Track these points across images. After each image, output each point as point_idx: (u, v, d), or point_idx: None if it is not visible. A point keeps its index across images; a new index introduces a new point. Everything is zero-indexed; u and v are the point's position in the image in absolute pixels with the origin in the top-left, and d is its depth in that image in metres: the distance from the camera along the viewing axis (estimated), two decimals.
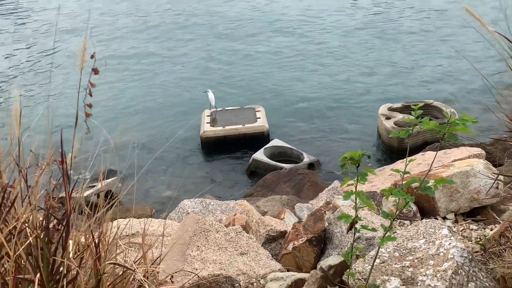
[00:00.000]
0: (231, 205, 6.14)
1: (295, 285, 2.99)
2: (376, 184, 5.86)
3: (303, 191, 8.81)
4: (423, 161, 5.90)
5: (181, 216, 5.88)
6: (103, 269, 1.64)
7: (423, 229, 2.98)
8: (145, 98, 15.64)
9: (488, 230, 3.82)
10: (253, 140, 12.29)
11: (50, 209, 1.56)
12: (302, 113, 14.04)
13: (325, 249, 3.86)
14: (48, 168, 1.62)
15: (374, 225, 3.64)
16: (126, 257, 1.93)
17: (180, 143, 12.75)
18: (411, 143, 10.50)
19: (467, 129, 2.22)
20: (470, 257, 2.67)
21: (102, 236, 1.72)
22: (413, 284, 2.53)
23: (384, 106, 12.27)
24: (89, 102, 1.61)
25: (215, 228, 3.96)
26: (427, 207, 4.35)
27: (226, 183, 11.11)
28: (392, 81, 15.54)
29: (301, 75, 16.53)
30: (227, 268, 3.55)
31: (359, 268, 2.75)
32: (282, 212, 5.40)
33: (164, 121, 14.07)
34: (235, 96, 15.22)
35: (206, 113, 13.22)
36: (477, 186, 4.15)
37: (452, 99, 13.34)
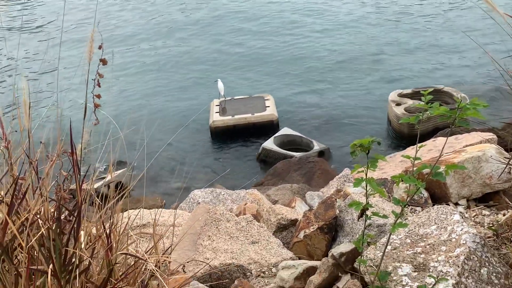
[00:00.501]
0: (242, 195, 6.15)
1: (307, 273, 2.99)
2: (387, 171, 5.83)
3: (313, 179, 8.81)
4: (434, 147, 5.86)
5: (192, 206, 5.90)
6: (114, 259, 1.65)
7: (434, 215, 2.97)
8: (154, 88, 15.66)
9: (500, 216, 3.80)
10: (262, 129, 12.29)
11: (61, 200, 1.57)
12: (311, 101, 13.99)
13: (337, 237, 3.85)
14: (58, 159, 1.63)
15: (385, 212, 3.63)
16: (137, 247, 1.94)
17: (189, 133, 12.77)
18: (421, 129, 10.43)
19: (478, 113, 2.19)
20: (483, 242, 2.66)
21: (113, 227, 1.72)
22: (425, 271, 2.52)
23: (394, 92, 12.20)
24: (97, 93, 1.62)
25: (226, 218, 3.97)
26: (438, 193, 4.32)
27: (236, 173, 11.13)
28: (402, 67, 15.41)
29: (310, 63, 16.44)
30: (239, 257, 3.57)
31: (370, 255, 2.74)
32: (293, 200, 5.40)
33: (173, 111, 14.09)
34: (244, 85, 15.19)
35: (215, 103, 13.22)
36: (489, 171, 4.12)
37: (463, 84, 13.21)
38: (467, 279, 2.47)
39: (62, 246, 1.56)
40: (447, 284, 2.39)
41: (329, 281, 2.78)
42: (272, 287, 3.06)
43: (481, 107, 2.15)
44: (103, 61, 1.59)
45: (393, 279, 2.51)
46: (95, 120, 1.65)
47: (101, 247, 1.67)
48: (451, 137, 6.03)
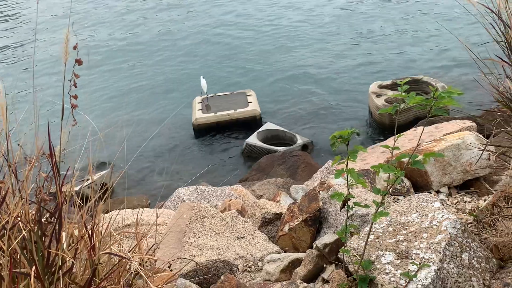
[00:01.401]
0: (226, 191, 6.16)
1: (292, 265, 3.02)
2: (370, 162, 5.89)
3: (297, 173, 8.86)
4: (415, 137, 5.93)
5: (176, 205, 5.90)
6: (98, 259, 1.65)
7: (415, 203, 3.01)
8: (133, 87, 15.56)
9: (481, 202, 3.86)
10: (245, 125, 12.30)
11: (42, 202, 1.57)
12: (293, 96, 14.03)
13: (321, 228, 3.89)
14: (37, 161, 1.62)
15: (368, 202, 3.67)
16: (120, 247, 1.94)
17: (172, 131, 12.73)
18: (403, 119, 10.54)
19: (454, 101, 2.23)
20: (463, 228, 2.71)
21: (95, 227, 1.72)
22: (408, 258, 2.56)
23: (374, 84, 12.29)
24: (74, 94, 1.61)
25: (211, 214, 3.98)
26: (420, 182, 4.38)
27: (220, 169, 11.14)
28: (382, 59, 15.52)
29: (290, 58, 16.48)
30: (225, 253, 3.58)
31: (354, 244, 2.78)
32: (278, 194, 5.43)
33: (154, 110, 14.02)
34: (225, 81, 15.17)
35: (197, 100, 13.18)
36: (469, 158, 4.18)
37: (441, 74, 13.36)
38: (449, 265, 2.52)
39: (44, 248, 1.56)
40: (429, 270, 2.43)
41: (314, 272, 2.81)
42: (258, 281, 3.08)
43: (456, 95, 2.19)
44: (79, 62, 1.59)
45: (376, 267, 2.55)
46: (73, 121, 1.65)
47: (83, 247, 1.67)
48: (431, 126, 6.11)
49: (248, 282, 3.19)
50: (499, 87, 2.51)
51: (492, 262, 2.64)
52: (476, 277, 2.54)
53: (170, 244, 3.68)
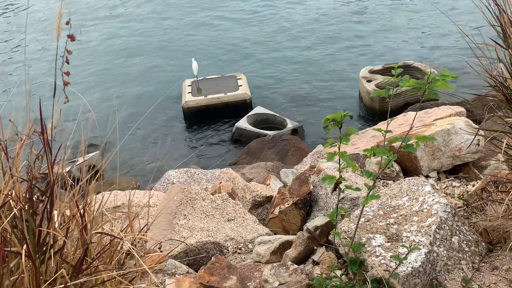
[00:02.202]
0: (217, 174, 6.15)
1: (283, 247, 3.03)
2: (359, 147, 5.91)
3: (287, 157, 8.86)
4: (405, 122, 5.95)
5: (167, 187, 5.88)
6: (89, 238, 1.64)
7: (406, 187, 3.03)
8: (122, 69, 15.42)
9: (470, 187, 3.89)
10: (235, 109, 12.26)
11: (33, 180, 1.54)
12: (284, 80, 13.99)
13: (311, 212, 3.90)
14: (29, 139, 1.60)
15: (358, 186, 3.68)
16: (112, 227, 1.93)
17: (161, 114, 12.66)
18: (392, 105, 10.57)
19: (447, 84, 2.23)
20: (453, 212, 2.73)
21: (87, 207, 1.71)
22: (398, 241, 2.58)
23: (364, 69, 12.29)
24: (66, 70, 1.58)
25: (201, 196, 3.97)
26: (409, 167, 4.40)
27: (210, 153, 11.12)
28: (373, 44, 15.50)
29: (281, 41, 16.40)
30: (215, 234, 3.58)
31: (344, 227, 2.79)
32: (268, 178, 5.43)
33: (143, 91, 13.92)
34: (216, 64, 15.08)
35: (187, 83, 13.10)
36: (459, 144, 4.21)
37: (432, 59, 13.38)
38: (438, 248, 2.54)
39: (35, 226, 1.54)
40: (419, 253, 2.45)
41: (304, 254, 2.82)
42: (249, 263, 3.09)
43: (450, 78, 2.19)
44: (71, 37, 1.56)
45: (367, 250, 2.56)
46: (65, 98, 1.62)
47: (75, 227, 1.65)
48: (421, 112, 6.13)
49: (239, 263, 3.20)
50: (492, 72, 2.52)
51: (482, 245, 2.66)
52: (465, 260, 2.56)
53: (161, 226, 3.67)
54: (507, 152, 2.58)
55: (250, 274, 2.86)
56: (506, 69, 2.48)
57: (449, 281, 2.45)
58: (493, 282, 2.42)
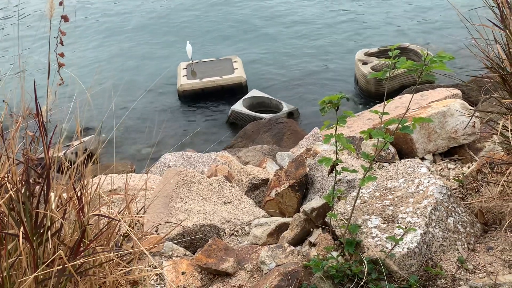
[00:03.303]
0: (213, 157, 6.15)
1: (279, 229, 3.04)
2: (355, 129, 5.91)
3: (283, 140, 8.87)
4: (401, 104, 5.96)
5: (162, 170, 5.88)
6: (87, 220, 1.64)
7: (402, 168, 3.03)
8: (117, 51, 15.31)
9: (465, 169, 3.91)
10: (231, 92, 12.23)
11: (29, 162, 1.54)
12: (279, 63, 13.94)
13: (307, 194, 3.91)
14: (24, 121, 1.58)
15: (354, 168, 3.69)
16: (109, 209, 1.92)
17: (157, 97, 12.61)
18: (388, 88, 10.57)
19: (444, 66, 2.22)
20: (449, 193, 2.74)
21: (84, 189, 1.70)
22: (394, 222, 2.59)
23: (360, 52, 12.25)
24: (61, 52, 1.56)
25: (198, 179, 3.97)
26: (405, 149, 4.41)
27: (206, 136, 11.11)
28: (368, 27, 15.43)
29: (276, 23, 16.30)
30: (212, 217, 3.59)
31: (340, 209, 2.80)
32: (264, 161, 5.44)
33: (138, 74, 13.84)
34: (211, 47, 14.99)
35: (182, 66, 13.03)
36: (454, 126, 4.22)
37: (429, 42, 13.35)
38: (434, 229, 2.55)
39: (32, 208, 1.54)
40: (415, 234, 2.46)
41: (301, 236, 2.84)
42: (245, 245, 3.10)
43: (447, 59, 2.18)
44: (65, 18, 1.53)
45: (363, 231, 2.58)
46: (59, 79, 1.60)
47: (72, 209, 1.65)
48: (417, 94, 6.13)
49: (235, 245, 3.22)
50: (489, 53, 2.51)
51: (477, 226, 2.68)
52: (460, 241, 2.58)
53: (157, 209, 3.68)
54: (503, 133, 2.58)
55: (247, 256, 2.88)
56: (503, 50, 2.47)
57: (444, 262, 2.47)
58: (488, 262, 2.44)
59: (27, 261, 1.57)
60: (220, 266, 2.72)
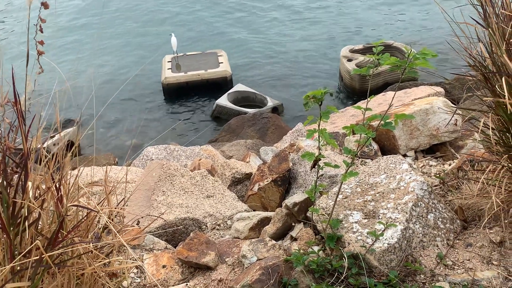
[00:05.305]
0: (196, 151, 6.13)
1: (261, 223, 3.04)
2: (339, 125, 5.93)
3: (267, 135, 8.88)
4: (384, 101, 5.99)
5: (145, 163, 5.84)
6: (65, 211, 1.62)
7: (384, 164, 3.05)
8: (101, 43, 15.15)
9: (446, 166, 3.95)
10: (216, 86, 12.19)
11: (7, 151, 1.51)
12: (265, 58, 13.93)
13: (290, 189, 3.92)
14: (1, 109, 1.55)
15: (337, 163, 3.70)
16: (89, 200, 1.90)
17: (141, 90, 12.52)
18: (373, 84, 10.63)
19: (427, 63, 2.23)
20: (430, 190, 2.76)
21: (63, 179, 1.68)
22: (375, 217, 2.61)
23: (345, 48, 12.29)
24: (40, 39, 1.53)
25: (180, 173, 3.95)
26: (387, 146, 4.44)
27: (190, 130, 11.07)
28: (354, 23, 15.48)
29: (263, 19, 16.27)
30: (194, 211, 3.58)
31: (322, 204, 2.81)
32: (247, 155, 5.44)
33: (121, 65, 13.72)
34: (196, 40, 14.91)
35: (166, 59, 12.95)
36: (436, 123, 4.25)
37: (413, 40, 13.44)
38: (414, 225, 2.57)
39: (9, 198, 1.51)
40: (395, 229, 2.48)
41: (283, 230, 2.84)
42: (227, 239, 3.10)
43: (430, 56, 2.19)
44: (45, 5, 1.50)
45: (344, 226, 2.58)
46: (39, 68, 1.57)
47: (50, 199, 1.63)
48: (400, 91, 6.17)
49: (217, 239, 3.21)
50: (472, 51, 2.53)
51: (456, 223, 2.71)
52: (440, 237, 2.61)
53: (139, 202, 3.65)
54: (484, 131, 2.61)
55: (228, 249, 2.87)
56: (485, 48, 2.49)
57: (424, 257, 2.49)
58: (467, 258, 2.46)
59: (3, 251, 1.55)
60: (201, 259, 2.71)
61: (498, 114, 2.49)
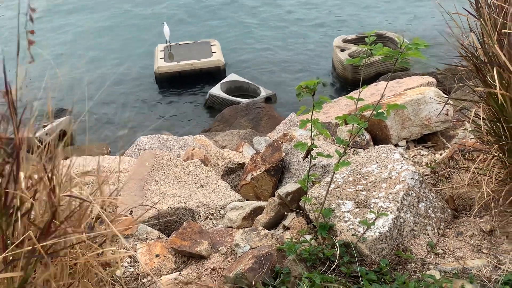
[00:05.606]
0: (189, 141, 6.13)
1: (254, 213, 3.05)
2: (332, 115, 5.95)
3: (260, 125, 8.88)
4: (376, 91, 6.00)
5: (138, 153, 5.84)
6: (58, 201, 1.62)
7: (376, 154, 3.07)
8: (94, 31, 15.04)
9: (437, 155, 3.98)
10: (209, 75, 12.16)
11: None
12: (258, 48, 13.90)
13: (283, 178, 3.94)
14: None
15: (329, 153, 3.72)
16: (81, 191, 1.90)
17: (133, 80, 12.46)
18: (365, 74, 10.64)
19: (419, 53, 2.24)
20: (421, 179, 2.78)
21: (55, 169, 1.68)
22: (366, 207, 2.63)
23: (338, 38, 12.28)
24: (31, 29, 1.52)
25: (174, 163, 3.96)
26: (379, 136, 4.46)
27: (183, 119, 11.05)
28: (347, 13, 15.46)
29: (255, 8, 16.20)
30: (187, 200, 3.59)
31: (315, 193, 2.82)
32: (240, 145, 5.44)
33: (115, 55, 13.63)
34: (189, 30, 14.84)
35: (159, 48, 12.89)
36: (428, 113, 4.27)
37: (406, 30, 13.44)
38: (405, 214, 2.60)
39: (1, 188, 1.51)
40: (387, 218, 2.50)
41: (275, 220, 2.86)
42: (220, 228, 3.11)
43: (422, 47, 2.20)
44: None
45: (336, 215, 2.60)
46: (29, 58, 1.57)
47: (43, 189, 1.63)
48: (392, 81, 6.18)
49: (210, 229, 3.22)
50: (464, 42, 2.54)
51: (447, 212, 2.74)
52: (431, 226, 2.63)
53: (132, 191, 3.66)
54: (475, 121, 2.63)
55: (221, 239, 2.89)
56: (477, 39, 2.50)
57: (415, 246, 2.52)
58: (457, 247, 2.49)
59: None
60: (195, 248, 2.73)
61: (489, 104, 2.51)
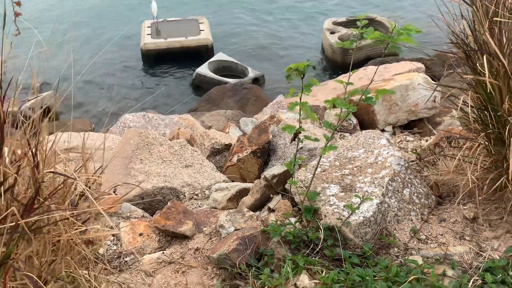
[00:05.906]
0: (175, 120, 6.09)
1: (239, 194, 3.05)
2: (320, 98, 5.93)
3: (248, 106, 8.84)
4: (365, 76, 5.99)
5: (122, 131, 5.79)
6: (41, 177, 1.59)
7: (362, 139, 3.07)
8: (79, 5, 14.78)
9: (423, 142, 4.00)
10: (196, 54, 12.02)
11: None
12: (247, 28, 13.77)
13: (269, 161, 3.93)
14: None
15: (317, 137, 3.72)
16: (66, 167, 1.87)
17: (119, 55, 12.28)
18: (354, 58, 10.62)
19: (411, 39, 2.23)
20: (406, 165, 2.80)
21: (39, 145, 1.65)
22: (352, 191, 2.63)
23: (328, 20, 12.22)
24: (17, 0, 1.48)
25: (159, 142, 3.93)
26: (367, 120, 4.47)
27: (169, 98, 10.95)
28: None
29: None
30: (172, 180, 3.57)
31: (301, 176, 2.82)
32: (227, 126, 5.42)
33: (100, 30, 13.42)
34: (177, 6, 14.64)
35: (146, 24, 12.70)
36: (416, 99, 4.29)
37: (397, 14, 13.41)
38: (390, 199, 2.61)
39: None
40: (371, 203, 2.51)
41: (261, 202, 2.86)
42: (205, 208, 3.10)
43: (414, 32, 2.19)
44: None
45: (321, 199, 2.61)
46: (16, 30, 1.52)
47: (26, 165, 1.60)
48: (381, 66, 6.17)
49: (195, 209, 3.21)
50: (455, 28, 2.53)
51: (431, 198, 2.76)
52: (415, 211, 2.65)
53: (116, 170, 3.63)
54: (463, 109, 2.63)
55: (206, 219, 2.88)
56: (468, 26, 2.49)
57: (398, 231, 2.54)
58: (440, 233, 2.52)
59: None
60: (179, 228, 2.72)
61: (477, 92, 2.51)
